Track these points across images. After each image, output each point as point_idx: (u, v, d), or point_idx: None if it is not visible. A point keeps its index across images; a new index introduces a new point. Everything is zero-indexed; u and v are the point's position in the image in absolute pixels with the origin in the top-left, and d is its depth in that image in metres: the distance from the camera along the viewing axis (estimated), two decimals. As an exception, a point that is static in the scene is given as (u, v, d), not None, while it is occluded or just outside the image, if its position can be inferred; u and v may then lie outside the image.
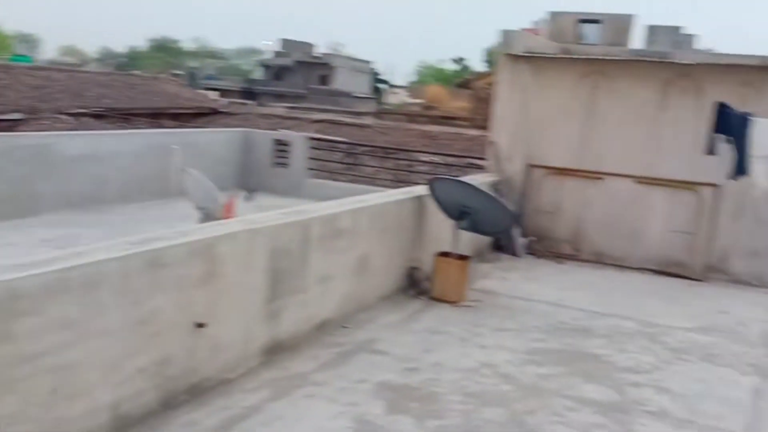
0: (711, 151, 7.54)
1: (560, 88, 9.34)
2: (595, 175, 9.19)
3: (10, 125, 16.51)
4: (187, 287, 4.16)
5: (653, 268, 8.89)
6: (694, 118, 8.58)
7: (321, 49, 69.66)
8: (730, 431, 4.50)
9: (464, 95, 40.66)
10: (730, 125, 7.32)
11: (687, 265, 8.78)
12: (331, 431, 4.07)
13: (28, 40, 78.26)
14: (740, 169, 7.25)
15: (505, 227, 7.40)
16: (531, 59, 9.35)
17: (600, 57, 9.01)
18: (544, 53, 9.27)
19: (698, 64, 8.59)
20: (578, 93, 9.25)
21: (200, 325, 4.26)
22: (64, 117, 18.54)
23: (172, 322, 4.08)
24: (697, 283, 8.49)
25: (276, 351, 5.06)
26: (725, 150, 7.40)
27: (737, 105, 7.59)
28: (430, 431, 4.17)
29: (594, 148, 9.21)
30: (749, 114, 7.21)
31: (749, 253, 8.62)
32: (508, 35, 9.50)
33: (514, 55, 9.37)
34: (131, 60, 75.99)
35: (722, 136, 7.41)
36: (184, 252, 4.13)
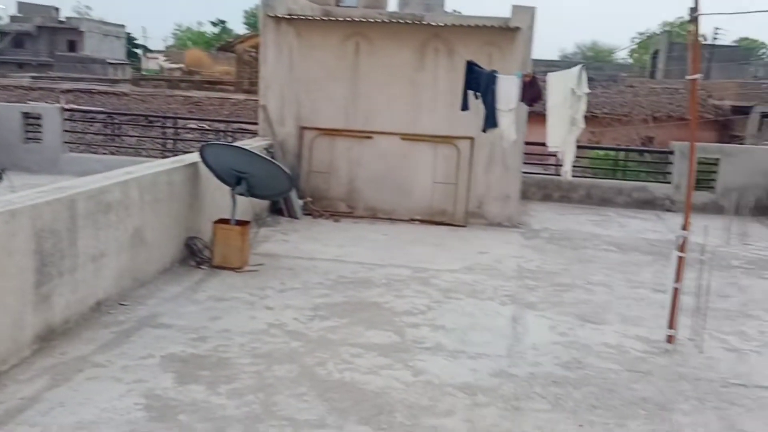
0: (464, 107, 8.17)
1: (325, 50, 9.55)
2: (364, 134, 9.58)
3: None
4: (-61, 278, 3.75)
5: (421, 218, 9.53)
6: (448, 76, 9.24)
7: (66, 12, 64.05)
8: (495, 355, 5.04)
9: (227, 59, 39.77)
10: (479, 82, 7.96)
11: (450, 213, 9.53)
12: (119, 410, 3.93)
13: None
14: (490, 122, 7.93)
15: (281, 190, 7.48)
16: (294, 21, 9.43)
17: (359, 19, 9.32)
18: (307, 15, 9.38)
19: (448, 26, 9.23)
20: (343, 55, 9.52)
21: (-41, 319, 3.87)
22: None
23: (-76, 318, 3.67)
24: (460, 229, 9.27)
25: (50, 337, 4.74)
26: (476, 105, 8.05)
27: (484, 63, 8.28)
28: (223, 396, 4.19)
29: (361, 109, 9.58)
30: (495, 71, 7.89)
31: (501, 197, 9.57)
32: (269, -3, 9.46)
33: (278, 17, 9.39)
34: None
35: (473, 93, 8.05)
36: (-69, 240, 3.71)
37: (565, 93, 6.69)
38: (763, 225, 10.58)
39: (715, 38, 48.70)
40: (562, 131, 6.79)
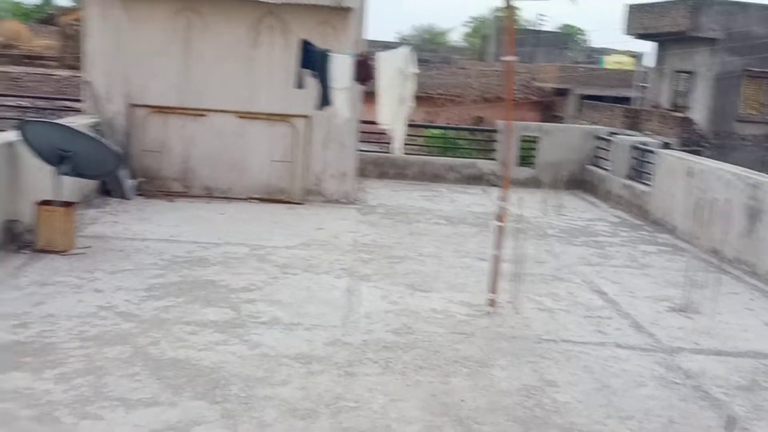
0: (300, 85, 8.24)
1: (155, 25, 9.23)
2: (198, 112, 9.39)
3: None
4: None
5: (259, 196, 9.52)
6: (283, 54, 9.25)
7: None
8: (330, 325, 5.22)
9: (49, 32, 37.09)
10: (313, 61, 8.05)
11: (288, 191, 9.60)
12: (-68, 404, 3.70)
13: None
14: (325, 100, 8.07)
15: (110, 169, 7.21)
16: (120, -6, 9.03)
17: (191, -6, 9.08)
18: (134, -12, 9.01)
19: (283, 4, 9.22)
20: (173, 29, 9.25)
21: None
22: None
23: None
24: (298, 206, 9.36)
25: None
26: (312, 84, 8.16)
27: (318, 42, 8.38)
28: (49, 381, 4.05)
29: (195, 86, 9.37)
30: (329, 50, 8.02)
31: (338, 175, 9.76)
32: (92, -33, 8.99)
33: (102, -11, 8.95)
34: None
35: (308, 71, 8.14)
36: None
37: (394, 73, 6.94)
38: (576, 197, 11.57)
39: (540, 24, 51.88)
40: (392, 109, 7.06)
